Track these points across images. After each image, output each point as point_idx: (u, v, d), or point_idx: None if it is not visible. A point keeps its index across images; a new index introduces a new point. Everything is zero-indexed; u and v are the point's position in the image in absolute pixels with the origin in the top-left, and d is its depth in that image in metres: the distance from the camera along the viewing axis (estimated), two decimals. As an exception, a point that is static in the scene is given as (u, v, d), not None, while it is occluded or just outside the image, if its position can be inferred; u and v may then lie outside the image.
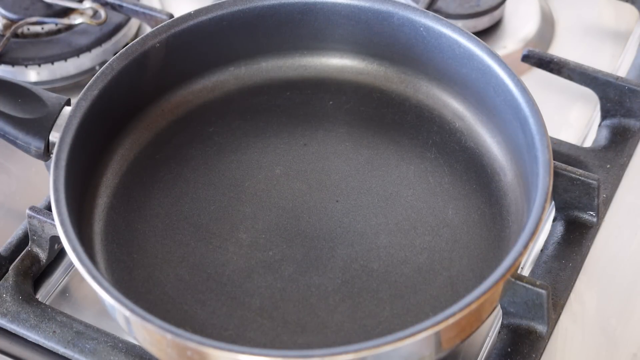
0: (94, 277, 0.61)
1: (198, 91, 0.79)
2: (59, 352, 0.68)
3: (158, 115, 0.77)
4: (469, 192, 0.73)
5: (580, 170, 0.74)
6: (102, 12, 0.88)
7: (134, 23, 0.92)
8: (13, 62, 0.87)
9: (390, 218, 0.71)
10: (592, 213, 0.75)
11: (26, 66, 0.87)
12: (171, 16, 0.86)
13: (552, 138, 0.78)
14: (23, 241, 0.74)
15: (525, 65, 0.86)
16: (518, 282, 0.65)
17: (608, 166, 0.78)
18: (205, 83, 0.79)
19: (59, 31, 0.90)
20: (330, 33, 0.79)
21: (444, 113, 0.77)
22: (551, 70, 0.84)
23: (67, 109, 0.72)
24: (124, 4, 0.88)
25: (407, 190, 0.73)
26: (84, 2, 0.89)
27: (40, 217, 0.71)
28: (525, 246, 0.61)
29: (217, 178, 0.74)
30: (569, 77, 0.83)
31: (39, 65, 0.88)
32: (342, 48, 0.80)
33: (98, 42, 0.89)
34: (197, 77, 0.79)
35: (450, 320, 0.58)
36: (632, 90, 0.81)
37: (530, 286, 0.65)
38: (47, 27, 0.90)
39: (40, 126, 0.72)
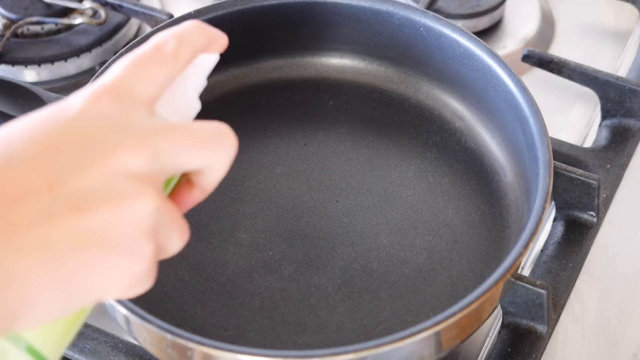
0: (94, 277, 0.61)
1: (198, 91, 0.79)
2: (59, 352, 0.68)
3: (158, 115, 0.77)
4: (469, 192, 0.73)
5: (580, 170, 0.74)
6: (102, 12, 0.88)
7: (134, 23, 0.92)
8: (13, 62, 0.87)
9: (390, 218, 0.71)
10: (592, 213, 0.74)
11: (26, 66, 0.87)
12: (171, 16, 0.87)
13: (552, 138, 0.78)
14: (23, 241, 0.74)
15: (525, 65, 0.86)
16: (518, 282, 0.65)
17: (608, 166, 0.78)
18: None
19: (59, 31, 0.90)
20: (330, 33, 0.79)
21: (444, 113, 0.77)
22: (551, 70, 0.84)
23: (67, 109, 0.72)
24: (124, 4, 0.88)
25: (407, 190, 0.73)
26: (84, 2, 0.89)
27: (40, 217, 0.71)
28: (526, 246, 0.61)
29: (217, 178, 0.74)
30: (569, 77, 0.83)
31: (39, 65, 0.88)
32: (342, 48, 0.80)
33: (98, 42, 0.89)
34: (197, 77, 0.79)
35: (450, 320, 0.58)
36: (632, 90, 0.81)
37: (530, 286, 0.65)
38: (47, 27, 0.90)
39: (40, 126, 0.72)
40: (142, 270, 0.44)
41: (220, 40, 0.51)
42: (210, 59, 0.51)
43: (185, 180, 0.49)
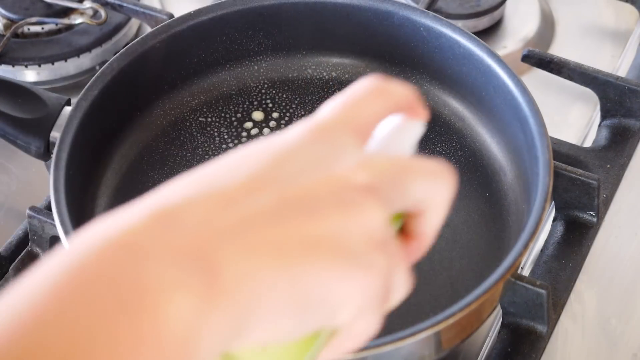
0: (94, 277, 0.61)
1: (198, 91, 0.79)
2: (59, 352, 0.68)
3: (158, 115, 0.77)
4: (469, 192, 0.73)
5: (580, 170, 0.74)
6: (102, 12, 0.88)
7: (134, 23, 0.92)
8: (13, 62, 0.87)
9: (390, 218, 0.71)
10: (592, 213, 0.74)
11: (26, 66, 0.87)
12: (171, 16, 0.86)
13: (552, 138, 0.78)
14: (23, 241, 0.74)
15: (525, 65, 0.86)
16: (518, 282, 0.65)
17: (608, 166, 0.78)
18: (205, 83, 0.79)
19: (59, 31, 0.90)
20: (330, 33, 0.79)
21: (444, 113, 0.77)
22: (551, 70, 0.84)
23: (67, 109, 0.72)
24: (124, 4, 0.88)
25: (407, 190, 0.73)
26: (84, 2, 0.89)
27: (40, 217, 0.71)
28: (525, 246, 0.61)
29: (217, 178, 0.74)
30: (569, 77, 0.83)
31: (39, 65, 0.88)
32: (342, 48, 0.80)
33: (98, 42, 0.89)
34: (197, 77, 0.79)
35: (450, 320, 0.58)
36: (632, 90, 0.81)
37: (530, 286, 0.65)
38: (47, 27, 0.90)
39: (40, 126, 0.72)
40: (375, 286, 0.41)
41: (422, 112, 0.50)
42: (419, 127, 0.51)
43: (403, 235, 0.47)
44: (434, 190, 0.45)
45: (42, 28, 0.90)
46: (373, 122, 0.47)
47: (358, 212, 0.41)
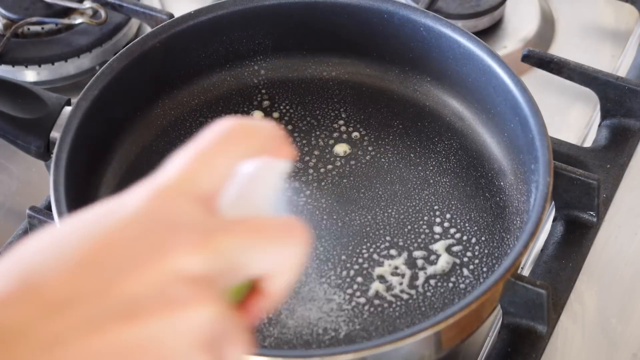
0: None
1: (198, 91, 0.79)
2: (59, 352, 0.68)
3: (158, 115, 0.77)
4: (469, 192, 0.73)
5: (580, 170, 0.74)
6: (102, 12, 0.88)
7: (134, 23, 0.92)
8: (13, 62, 0.87)
9: (390, 218, 0.71)
10: (592, 213, 0.74)
11: (26, 66, 0.87)
12: (171, 16, 0.86)
13: (552, 138, 0.78)
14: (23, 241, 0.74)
15: (525, 65, 0.86)
16: (518, 282, 0.65)
17: (608, 166, 0.78)
18: (205, 83, 0.79)
19: (59, 31, 0.90)
20: (330, 33, 0.79)
21: (444, 113, 0.77)
22: (551, 70, 0.84)
23: (67, 109, 0.72)
24: (124, 4, 0.88)
25: (407, 190, 0.73)
26: (84, 2, 0.89)
27: (40, 217, 0.71)
28: (525, 246, 0.61)
29: (217, 178, 0.74)
30: (569, 77, 0.83)
31: (39, 65, 0.88)
32: (342, 48, 0.80)
33: (98, 42, 0.89)
34: (197, 77, 0.79)
35: (450, 320, 0.58)
36: (632, 90, 0.81)
37: (530, 286, 0.65)
38: (47, 27, 0.90)
39: (40, 126, 0.72)
40: None
41: (287, 151, 0.46)
42: (283, 165, 0.46)
43: (253, 288, 0.44)
44: (283, 257, 0.42)
45: (42, 28, 0.90)
46: (223, 177, 0.43)
47: (183, 310, 0.39)
